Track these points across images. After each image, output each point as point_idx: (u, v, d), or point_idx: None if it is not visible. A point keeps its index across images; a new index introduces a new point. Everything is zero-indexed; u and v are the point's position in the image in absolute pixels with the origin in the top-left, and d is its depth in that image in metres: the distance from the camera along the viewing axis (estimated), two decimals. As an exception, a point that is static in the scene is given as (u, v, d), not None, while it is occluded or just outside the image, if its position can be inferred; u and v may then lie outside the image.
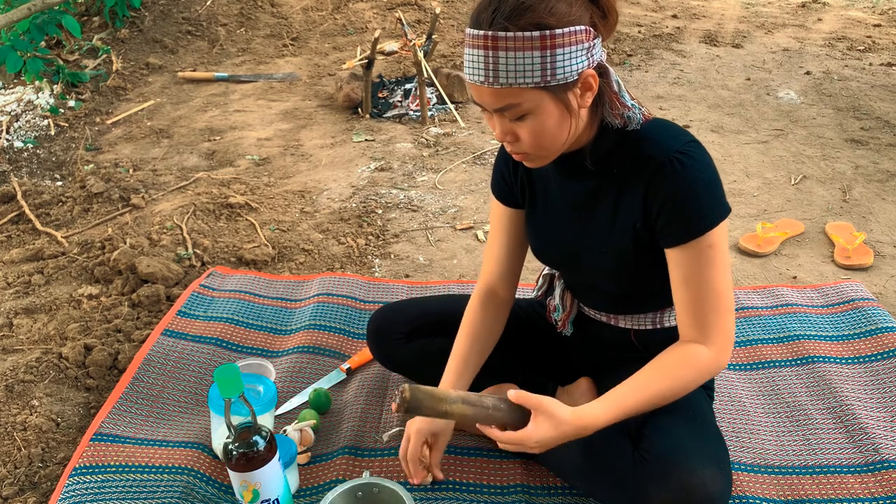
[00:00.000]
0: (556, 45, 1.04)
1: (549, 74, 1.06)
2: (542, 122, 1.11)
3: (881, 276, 2.21)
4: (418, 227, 2.54)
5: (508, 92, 1.07)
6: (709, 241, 1.16)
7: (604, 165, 1.22)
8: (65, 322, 1.98)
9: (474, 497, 1.42)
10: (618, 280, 1.29)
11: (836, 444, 1.53)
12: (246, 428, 1.20)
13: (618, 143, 1.20)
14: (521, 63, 1.05)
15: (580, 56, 1.07)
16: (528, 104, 1.09)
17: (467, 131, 3.32)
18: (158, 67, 4.15)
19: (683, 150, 1.15)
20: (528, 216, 1.40)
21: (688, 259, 1.17)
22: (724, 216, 1.16)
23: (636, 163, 1.18)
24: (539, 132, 1.12)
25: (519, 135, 1.13)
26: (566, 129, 1.13)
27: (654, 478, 1.17)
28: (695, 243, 1.16)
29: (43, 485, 1.49)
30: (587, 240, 1.29)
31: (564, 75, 1.07)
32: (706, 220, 1.15)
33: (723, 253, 1.18)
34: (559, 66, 1.06)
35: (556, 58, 1.05)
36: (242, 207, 2.63)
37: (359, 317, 1.98)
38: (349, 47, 4.45)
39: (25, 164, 3.10)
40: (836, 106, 3.53)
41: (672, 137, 1.17)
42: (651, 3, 5.23)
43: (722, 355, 1.21)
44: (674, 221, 1.16)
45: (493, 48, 1.05)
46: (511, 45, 1.04)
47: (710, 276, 1.17)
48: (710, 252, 1.16)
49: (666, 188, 1.15)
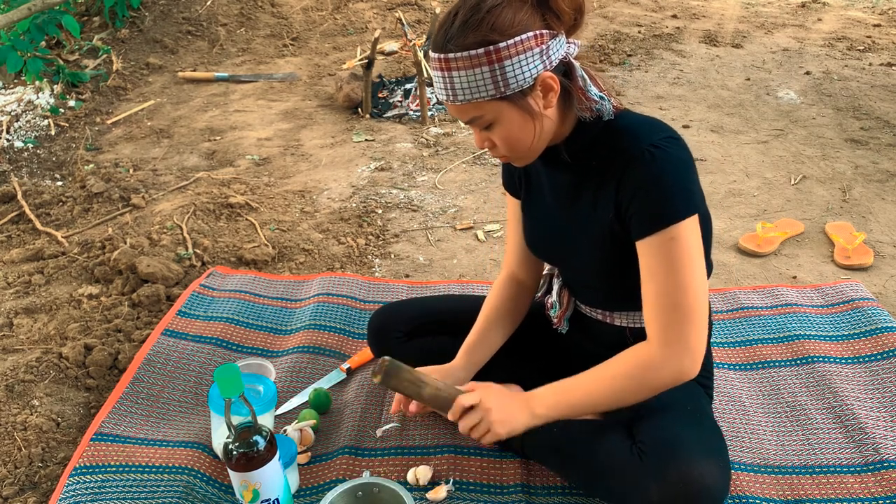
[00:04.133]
0: (502, 57, 1.10)
1: (503, 85, 1.12)
2: (508, 128, 1.17)
3: (881, 276, 2.21)
4: (418, 227, 2.54)
5: (469, 107, 1.15)
6: (672, 233, 1.15)
7: (583, 159, 1.25)
8: (65, 322, 1.98)
9: (474, 497, 1.42)
10: (603, 274, 1.31)
11: (836, 444, 1.53)
12: (246, 428, 1.20)
13: (597, 136, 1.22)
14: (472, 80, 1.12)
15: (533, 61, 1.12)
16: (490, 115, 1.16)
17: (467, 131, 3.32)
18: (158, 67, 4.15)
19: (657, 144, 1.17)
20: (523, 208, 1.44)
21: (652, 252, 1.18)
22: (690, 212, 1.16)
23: (613, 156, 1.20)
24: (508, 138, 1.18)
25: (494, 141, 1.20)
26: (531, 131, 1.18)
27: (652, 471, 1.18)
28: (659, 235, 1.16)
29: (43, 485, 1.49)
30: (570, 232, 1.32)
31: (518, 83, 1.12)
32: (671, 214, 1.15)
33: (689, 249, 1.16)
34: (510, 76, 1.11)
35: (506, 69, 1.11)
36: (242, 207, 2.63)
37: (359, 317, 1.98)
38: (349, 47, 4.45)
39: (25, 164, 3.10)
40: (835, 106, 3.53)
41: (649, 132, 1.19)
42: (651, 3, 5.23)
43: (680, 362, 1.17)
44: (639, 212, 1.17)
45: (447, 69, 1.13)
46: (461, 64, 1.11)
47: (675, 273, 1.15)
48: (673, 245, 1.15)
49: (635, 180, 1.17)
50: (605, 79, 1.31)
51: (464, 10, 1.11)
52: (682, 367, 1.18)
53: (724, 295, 2.05)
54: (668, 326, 1.17)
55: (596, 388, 1.23)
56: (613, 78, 3.90)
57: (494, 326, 1.48)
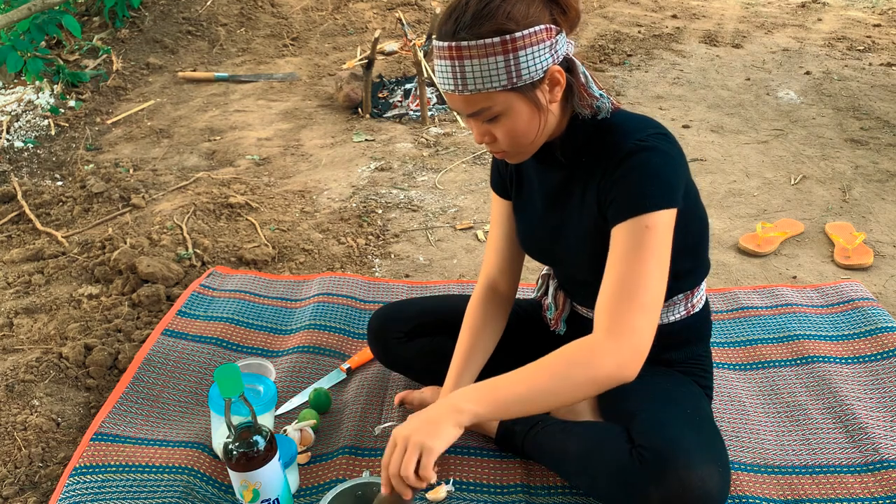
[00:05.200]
0: (517, 47, 1.09)
1: (515, 76, 1.11)
2: (515, 121, 1.15)
3: (881, 276, 2.21)
4: (418, 227, 2.54)
5: (478, 97, 1.13)
6: (646, 221, 1.13)
7: (574, 156, 1.25)
8: (65, 322, 1.98)
9: (474, 497, 1.42)
10: (594, 272, 1.29)
11: (836, 443, 1.53)
12: (246, 428, 1.20)
13: (589, 134, 1.22)
14: (486, 69, 1.10)
15: (544, 54, 1.11)
16: (499, 106, 1.14)
17: (467, 131, 3.32)
18: (158, 67, 4.15)
19: (644, 139, 1.17)
20: (514, 207, 1.44)
21: (622, 237, 1.15)
22: (667, 204, 1.14)
23: (602, 153, 1.21)
24: (513, 131, 1.16)
25: (495, 135, 1.18)
26: (537, 124, 1.17)
27: (651, 475, 1.17)
28: (633, 221, 1.14)
29: (43, 484, 1.49)
30: (561, 230, 1.32)
31: (530, 75, 1.11)
32: (648, 201, 1.13)
33: (658, 242, 1.14)
34: (524, 67, 1.10)
35: (520, 59, 1.10)
36: (242, 207, 2.63)
37: (359, 317, 1.98)
38: (349, 47, 4.45)
39: (25, 164, 3.10)
40: (835, 106, 3.53)
41: (639, 129, 1.19)
42: (651, 3, 5.23)
43: (623, 355, 1.11)
44: (618, 199, 1.16)
45: (458, 58, 1.10)
46: (475, 52, 1.09)
47: (639, 261, 1.12)
48: (644, 234, 1.13)
49: (619, 171, 1.17)
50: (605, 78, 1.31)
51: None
52: (624, 361, 1.11)
53: (724, 295, 2.05)
54: (619, 315, 1.12)
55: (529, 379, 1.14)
56: (613, 78, 3.90)
57: (477, 347, 1.44)
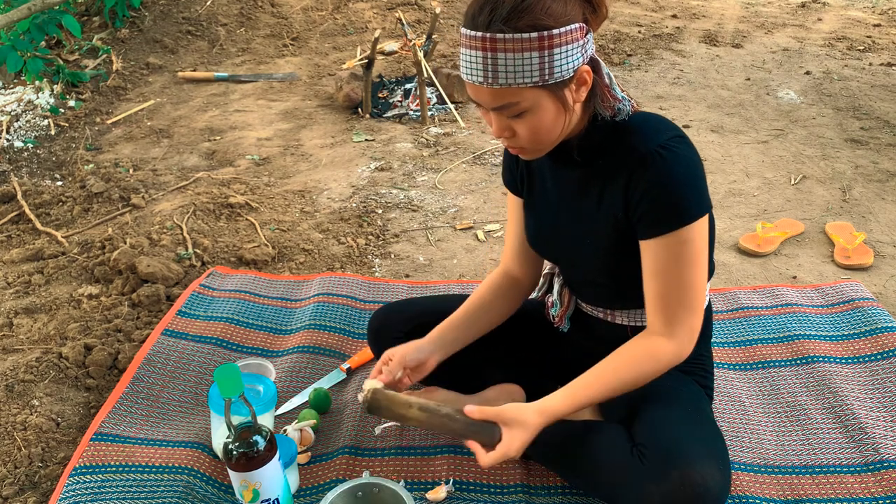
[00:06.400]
0: (553, 44, 1.08)
1: (548, 73, 1.09)
2: (540, 118, 1.14)
3: (881, 275, 2.21)
4: (418, 227, 2.54)
5: (507, 91, 1.11)
6: (684, 236, 1.18)
7: (591, 157, 1.25)
8: (65, 322, 1.98)
9: (474, 497, 1.42)
10: (605, 272, 1.31)
11: (836, 443, 1.53)
12: (246, 428, 1.20)
13: (606, 135, 1.22)
14: (519, 64, 1.08)
15: (576, 53, 1.11)
16: (527, 102, 1.12)
17: (467, 131, 3.32)
18: (158, 67, 4.15)
19: (666, 145, 1.17)
20: (525, 205, 1.44)
21: (661, 252, 1.20)
22: (702, 213, 1.18)
23: (621, 155, 1.20)
24: (536, 128, 1.15)
25: (516, 130, 1.17)
26: (562, 123, 1.17)
27: (652, 472, 1.18)
28: (670, 237, 1.18)
29: (43, 484, 1.49)
30: (574, 229, 1.32)
31: (562, 73, 1.10)
32: (683, 216, 1.17)
33: (698, 250, 1.20)
34: (556, 65, 1.09)
35: (554, 57, 1.08)
36: (242, 207, 2.63)
37: (359, 317, 1.98)
38: (349, 47, 4.45)
39: (25, 163, 3.10)
40: (835, 106, 3.53)
41: (658, 131, 1.19)
42: (651, 3, 5.23)
43: (683, 350, 1.25)
44: (651, 213, 1.18)
45: (491, 50, 1.08)
46: (510, 46, 1.07)
47: (683, 271, 1.20)
48: (684, 248, 1.19)
49: (646, 180, 1.17)
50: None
51: None
52: (682, 351, 1.25)
53: (724, 295, 2.05)
54: (675, 319, 1.23)
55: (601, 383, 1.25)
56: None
57: (476, 313, 1.47)
